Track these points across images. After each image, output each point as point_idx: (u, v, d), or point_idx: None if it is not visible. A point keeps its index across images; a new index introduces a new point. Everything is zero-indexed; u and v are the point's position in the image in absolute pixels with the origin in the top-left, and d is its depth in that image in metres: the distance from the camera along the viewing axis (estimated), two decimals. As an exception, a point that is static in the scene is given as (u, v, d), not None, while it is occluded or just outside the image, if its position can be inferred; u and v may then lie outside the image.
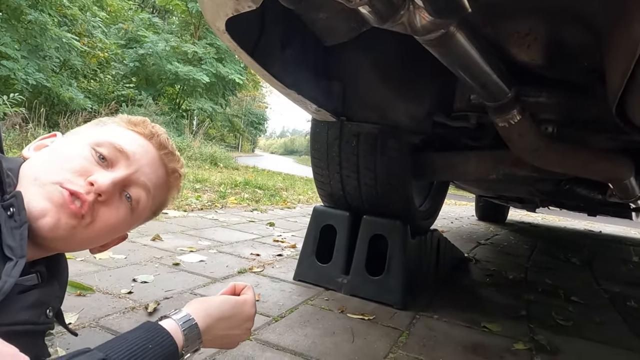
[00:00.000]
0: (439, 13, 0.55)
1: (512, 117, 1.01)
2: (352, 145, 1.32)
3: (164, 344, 0.55)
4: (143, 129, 0.69)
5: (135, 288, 1.22)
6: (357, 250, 1.42)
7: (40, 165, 0.61)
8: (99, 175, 0.60)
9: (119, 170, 0.63)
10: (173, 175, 0.72)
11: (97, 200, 0.60)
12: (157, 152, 0.69)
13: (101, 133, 0.66)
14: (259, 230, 2.43)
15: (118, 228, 0.66)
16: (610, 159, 1.07)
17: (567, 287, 1.90)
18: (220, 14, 0.63)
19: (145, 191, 0.66)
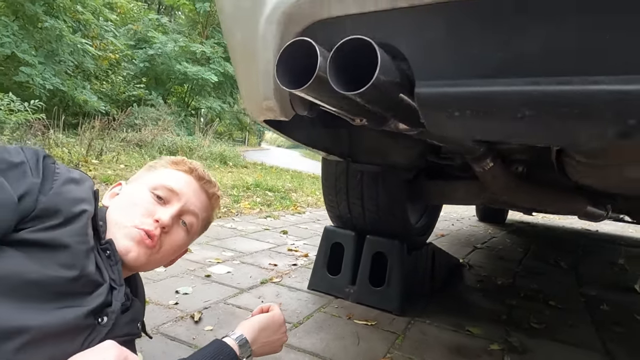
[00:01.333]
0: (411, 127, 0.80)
1: (486, 165, 1.25)
2: (356, 178, 1.58)
3: (229, 354, 0.81)
4: (184, 167, 0.91)
5: (179, 299, 1.49)
6: (361, 265, 1.67)
7: (119, 212, 0.84)
8: (160, 214, 0.82)
9: (174, 206, 0.85)
10: (213, 197, 0.95)
11: (163, 232, 0.83)
12: (198, 182, 0.91)
13: (154, 178, 0.89)
14: (274, 238, 2.69)
15: (180, 248, 0.90)
16: (567, 196, 1.31)
17: (549, 292, 2.14)
18: (261, 117, 0.89)
19: (195, 216, 0.89)
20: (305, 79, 0.59)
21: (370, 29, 0.63)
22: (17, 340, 0.57)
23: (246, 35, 0.75)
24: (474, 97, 0.55)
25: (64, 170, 0.72)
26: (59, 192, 0.68)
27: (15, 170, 0.64)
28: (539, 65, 0.50)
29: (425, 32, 0.59)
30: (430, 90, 0.58)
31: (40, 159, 0.69)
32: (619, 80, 0.47)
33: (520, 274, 2.51)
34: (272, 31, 0.71)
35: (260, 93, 0.81)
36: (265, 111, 0.84)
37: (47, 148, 5.64)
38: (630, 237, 5.15)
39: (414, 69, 0.61)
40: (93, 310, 0.70)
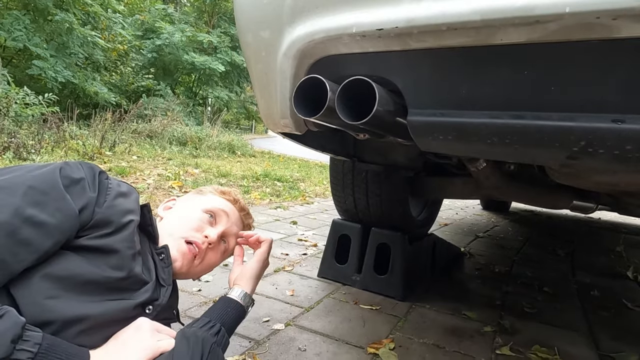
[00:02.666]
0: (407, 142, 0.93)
1: (479, 165, 1.39)
2: (362, 176, 1.71)
3: (236, 307, 0.94)
4: (229, 197, 1.10)
5: (202, 286, 1.65)
6: (367, 255, 1.82)
7: (173, 225, 1.01)
8: (209, 231, 0.99)
9: (220, 226, 1.02)
10: (247, 227, 1.14)
11: (208, 247, 1.00)
12: (239, 213, 1.09)
13: (207, 201, 1.06)
14: (285, 229, 2.85)
15: (215, 265, 1.07)
16: (554, 192, 1.44)
17: (544, 279, 2.28)
18: (277, 130, 1.02)
19: (234, 238, 1.07)
20: (317, 109, 0.73)
21: (370, 65, 0.77)
22: (78, 326, 0.72)
23: (266, 66, 0.89)
24: (453, 126, 0.68)
25: (115, 185, 0.87)
26: (111, 205, 0.81)
27: (77, 186, 0.77)
28: (500, 102, 0.63)
29: (414, 71, 0.72)
30: (420, 119, 0.72)
31: (96, 175, 0.83)
32: (563, 117, 0.60)
33: (518, 262, 2.65)
34: (288, 64, 0.84)
35: (278, 113, 0.95)
36: (282, 127, 0.98)
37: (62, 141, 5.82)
38: (632, 224, 5.25)
39: (407, 100, 0.74)
40: (141, 303, 0.85)
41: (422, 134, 0.73)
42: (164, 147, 8.02)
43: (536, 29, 0.57)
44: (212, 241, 0.99)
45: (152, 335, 0.77)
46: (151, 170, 5.26)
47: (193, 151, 8.46)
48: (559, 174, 1.01)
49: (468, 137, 0.68)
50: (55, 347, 0.65)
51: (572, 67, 0.59)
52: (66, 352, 0.66)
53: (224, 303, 0.94)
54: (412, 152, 1.60)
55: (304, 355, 1.24)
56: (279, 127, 0.99)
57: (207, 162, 6.88)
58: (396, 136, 0.88)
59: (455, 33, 0.63)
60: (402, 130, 0.83)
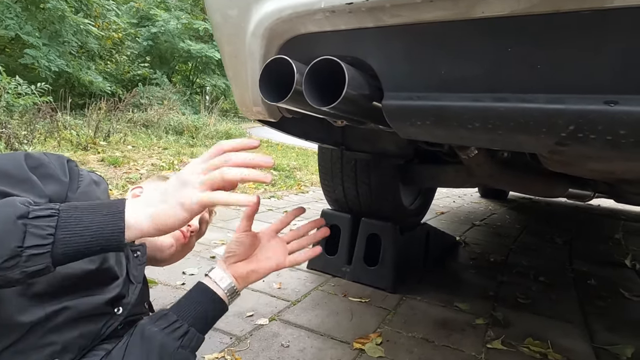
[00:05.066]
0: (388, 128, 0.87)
1: (470, 152, 1.32)
2: (350, 164, 1.65)
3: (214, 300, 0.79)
4: None
5: (186, 279, 1.61)
6: (357, 246, 1.77)
7: None
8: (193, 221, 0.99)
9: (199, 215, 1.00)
10: (211, 214, 1.13)
11: (191, 234, 1.00)
12: None
13: None
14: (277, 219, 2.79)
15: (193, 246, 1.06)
16: (549, 180, 1.38)
17: (540, 268, 2.23)
18: (252, 117, 0.96)
19: (206, 224, 1.08)
20: (285, 93, 0.67)
21: (343, 45, 0.70)
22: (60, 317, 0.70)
23: (236, 48, 0.82)
24: (431, 110, 0.62)
25: (86, 173, 0.82)
26: (85, 192, 0.77)
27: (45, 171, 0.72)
28: (481, 83, 0.57)
29: (389, 50, 0.65)
30: (395, 103, 0.66)
31: (64, 162, 0.78)
32: (551, 100, 0.54)
33: (514, 250, 2.60)
34: (257, 45, 0.78)
35: (250, 99, 0.88)
36: (256, 114, 0.92)
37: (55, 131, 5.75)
38: (632, 211, 5.20)
39: (382, 82, 0.68)
40: (111, 299, 0.81)
41: (398, 120, 0.67)
42: (160, 137, 7.95)
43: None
44: (195, 229, 1.01)
45: (194, 182, 0.61)
46: (145, 160, 5.20)
47: (190, 140, 8.38)
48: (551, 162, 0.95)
49: (448, 122, 0.62)
50: (77, 209, 0.56)
51: (561, 43, 0.53)
52: (93, 207, 0.57)
53: (200, 294, 0.79)
54: (401, 139, 1.53)
55: (287, 351, 1.19)
56: (252, 114, 0.93)
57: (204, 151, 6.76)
58: (375, 122, 0.82)
59: (432, 5, 0.56)
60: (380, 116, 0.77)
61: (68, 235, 0.54)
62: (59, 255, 0.54)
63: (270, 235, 0.91)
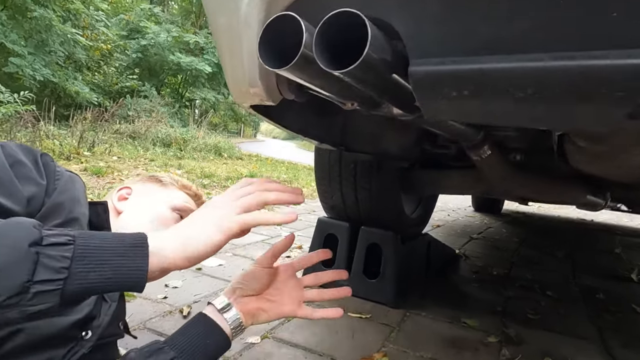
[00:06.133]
0: (407, 113, 0.76)
1: (483, 153, 1.22)
2: (350, 168, 1.53)
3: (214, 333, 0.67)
4: (191, 192, 0.97)
5: (168, 293, 1.45)
6: (356, 257, 1.64)
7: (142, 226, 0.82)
8: None
9: None
10: None
11: None
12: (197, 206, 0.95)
13: (174, 198, 0.92)
14: (268, 230, 2.65)
15: None
16: (565, 185, 1.27)
17: (545, 282, 2.12)
18: (247, 102, 0.84)
19: None
20: (290, 58, 0.55)
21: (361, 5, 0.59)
22: (12, 343, 0.56)
23: (229, 18, 0.71)
24: (473, 75, 0.51)
25: (63, 169, 0.69)
26: (63, 191, 0.65)
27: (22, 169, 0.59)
28: (541, 40, 0.46)
29: (420, 6, 0.54)
30: (426, 69, 0.54)
31: (38, 157, 0.65)
32: (628, 55, 0.43)
33: (516, 264, 2.49)
34: (255, 10, 0.66)
35: (245, 76, 0.76)
36: (251, 95, 0.80)
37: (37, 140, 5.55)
38: (626, 227, 5.16)
39: (408, 46, 0.56)
40: (78, 321, 0.67)
41: (428, 91, 0.56)
42: (147, 148, 7.77)
43: None
44: None
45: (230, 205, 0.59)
46: (130, 170, 5.02)
47: (177, 152, 8.22)
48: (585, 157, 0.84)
49: (490, 90, 0.51)
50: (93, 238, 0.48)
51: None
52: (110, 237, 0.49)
53: (201, 327, 0.68)
54: (406, 140, 1.42)
55: (282, 374, 1.05)
56: (247, 97, 0.81)
57: (192, 163, 6.65)
58: (394, 103, 0.70)
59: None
60: (401, 94, 0.65)
61: (85, 269, 0.45)
62: (70, 293, 0.44)
63: (289, 273, 0.81)
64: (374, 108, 0.77)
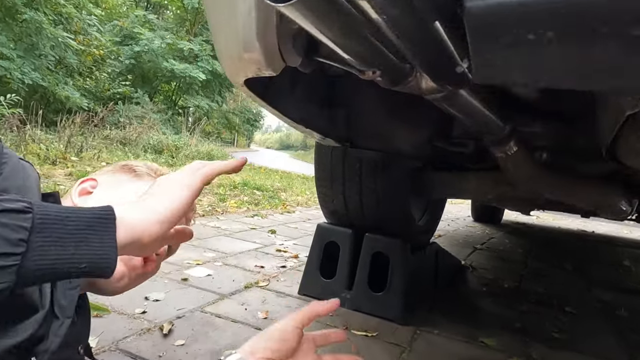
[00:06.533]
0: (442, 83, 0.60)
1: (509, 149, 1.07)
2: (355, 167, 1.38)
3: None
4: None
5: (148, 307, 1.28)
6: (359, 267, 1.48)
7: None
8: None
9: None
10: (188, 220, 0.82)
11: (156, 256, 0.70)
12: None
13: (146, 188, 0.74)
14: (261, 238, 2.48)
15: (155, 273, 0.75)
16: (599, 187, 1.13)
17: (560, 296, 1.97)
18: (241, 75, 0.68)
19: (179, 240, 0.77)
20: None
21: None
22: None
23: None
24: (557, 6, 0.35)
25: (12, 152, 0.54)
26: (7, 177, 0.51)
27: None
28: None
29: None
30: (488, 2, 0.39)
31: None
32: None
33: (526, 276, 2.34)
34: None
35: (239, 37, 0.61)
36: (247, 64, 0.64)
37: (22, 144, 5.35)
38: (627, 238, 5.05)
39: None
40: (18, 345, 0.51)
41: (491, 33, 0.40)
42: (138, 155, 7.59)
43: None
44: (163, 251, 0.70)
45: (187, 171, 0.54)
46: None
47: (169, 160, 8.04)
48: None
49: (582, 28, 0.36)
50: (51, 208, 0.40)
51: None
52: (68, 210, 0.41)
53: None
54: (418, 136, 1.27)
55: (278, 406, 0.87)
56: (242, 67, 0.66)
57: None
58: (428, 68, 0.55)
59: None
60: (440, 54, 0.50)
61: (46, 242, 0.38)
62: (28, 272, 0.37)
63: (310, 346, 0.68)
64: (399, 79, 0.62)
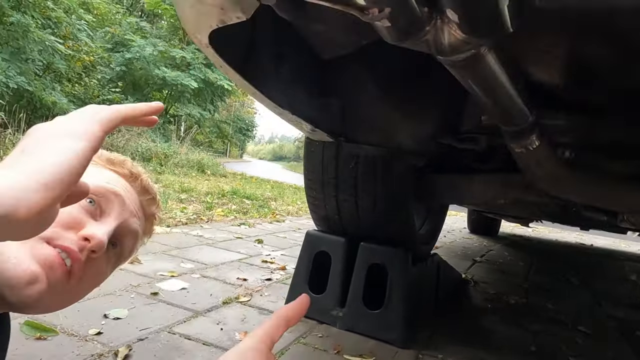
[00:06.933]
0: (475, 31, 0.44)
1: (531, 143, 0.91)
2: (350, 167, 1.21)
3: None
4: (123, 169, 0.63)
5: (105, 327, 1.09)
6: (353, 280, 1.30)
7: None
8: (93, 228, 0.52)
9: (110, 220, 0.56)
10: (150, 220, 0.67)
11: (90, 256, 0.52)
12: (138, 197, 0.63)
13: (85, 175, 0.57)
14: (247, 248, 2.29)
15: (100, 283, 0.59)
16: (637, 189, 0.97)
17: (571, 313, 1.81)
18: (203, 26, 0.52)
19: (135, 238, 0.62)
20: None
21: None
22: None
23: None
24: None
25: None
26: None
27: None
28: None
29: None
30: None
31: None
32: None
33: (530, 291, 2.18)
34: None
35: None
36: (208, 6, 0.48)
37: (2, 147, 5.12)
38: (628, 252, 4.92)
39: None
40: None
41: None
42: (125, 162, 7.37)
43: None
44: (99, 246, 0.52)
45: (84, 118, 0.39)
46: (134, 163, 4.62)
47: (157, 167, 7.84)
48: None
49: None
50: None
51: None
52: None
53: None
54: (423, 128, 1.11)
55: None
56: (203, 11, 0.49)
57: (171, 178, 6.28)
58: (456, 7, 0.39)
59: None
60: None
61: None
62: None
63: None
64: (412, 28, 0.46)
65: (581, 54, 0.86)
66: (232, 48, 0.68)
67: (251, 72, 0.73)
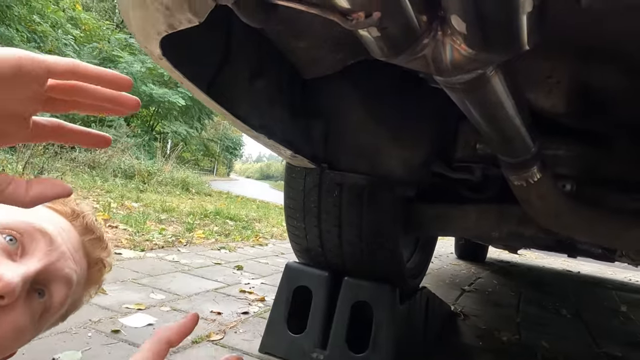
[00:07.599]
0: (486, 45, 0.35)
1: (532, 176, 0.83)
2: (333, 195, 1.11)
3: None
4: (64, 207, 0.56)
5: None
6: (336, 319, 1.18)
7: None
8: (4, 269, 0.45)
9: (33, 261, 0.48)
10: (96, 267, 0.58)
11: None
12: (80, 237, 0.56)
13: (8, 208, 0.49)
14: (225, 276, 2.16)
15: (20, 339, 0.49)
16: None
17: (567, 352, 1.71)
18: (150, 32, 0.42)
19: (67, 286, 0.53)
20: None
21: None
22: None
23: None
24: None
25: None
26: None
27: None
28: None
29: None
30: None
31: None
32: None
33: (523, 326, 2.08)
34: None
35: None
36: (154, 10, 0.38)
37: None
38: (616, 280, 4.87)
39: None
40: None
41: None
42: (106, 179, 7.19)
43: None
44: (9, 292, 0.44)
45: None
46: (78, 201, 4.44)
47: (140, 185, 7.65)
48: None
49: None
50: None
51: None
52: None
53: None
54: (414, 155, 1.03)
55: None
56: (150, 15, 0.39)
57: (153, 197, 6.11)
58: None
59: None
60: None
61: None
62: None
63: None
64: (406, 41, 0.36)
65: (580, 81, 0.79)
66: (197, 60, 0.58)
67: (219, 90, 0.64)
